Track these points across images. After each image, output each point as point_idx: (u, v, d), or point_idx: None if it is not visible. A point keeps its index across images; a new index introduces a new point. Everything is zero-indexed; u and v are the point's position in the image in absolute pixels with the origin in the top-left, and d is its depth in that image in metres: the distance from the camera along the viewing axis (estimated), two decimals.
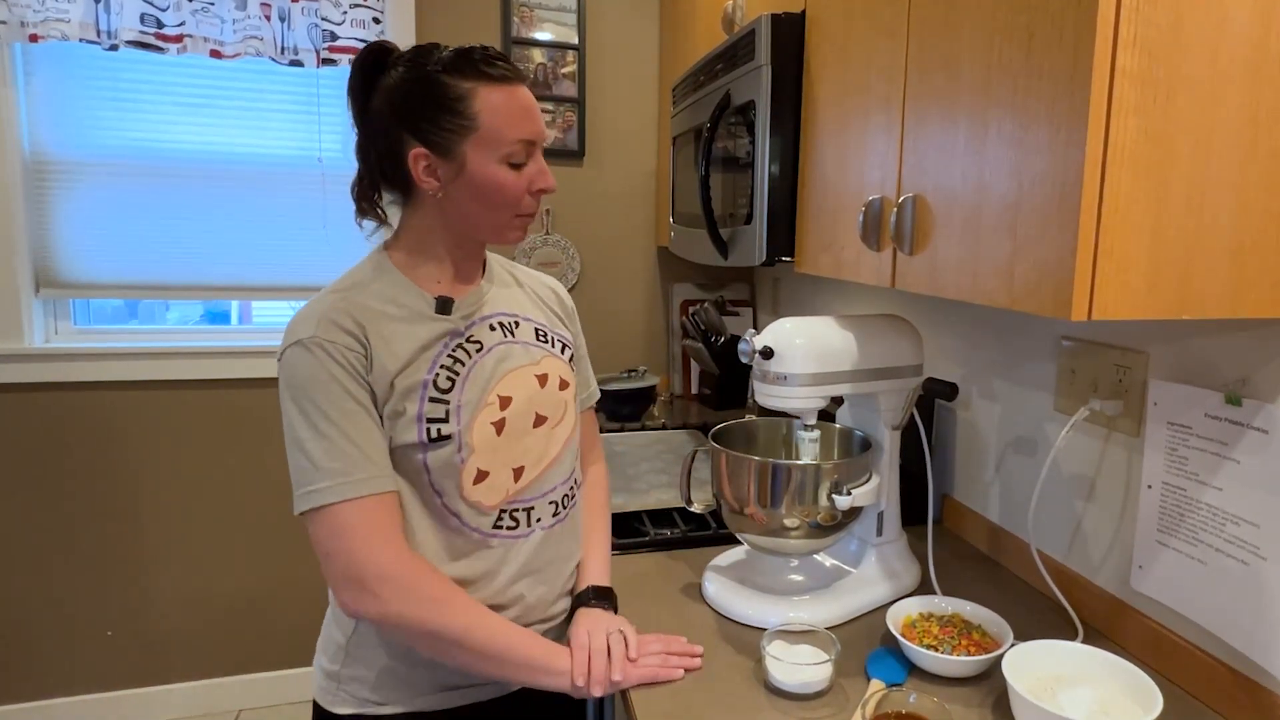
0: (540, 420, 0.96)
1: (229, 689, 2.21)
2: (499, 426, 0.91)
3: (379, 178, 0.93)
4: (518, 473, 0.93)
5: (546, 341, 1.01)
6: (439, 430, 0.87)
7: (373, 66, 0.90)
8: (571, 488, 1.02)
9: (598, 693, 0.87)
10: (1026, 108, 0.70)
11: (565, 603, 1.00)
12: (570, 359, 1.04)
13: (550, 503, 0.97)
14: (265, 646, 2.23)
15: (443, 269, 0.95)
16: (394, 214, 0.97)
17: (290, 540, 2.21)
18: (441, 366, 0.89)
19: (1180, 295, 0.67)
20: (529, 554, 0.95)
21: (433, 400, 0.88)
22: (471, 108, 0.86)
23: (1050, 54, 0.67)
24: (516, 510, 0.94)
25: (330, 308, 0.86)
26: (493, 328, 0.96)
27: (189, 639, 2.18)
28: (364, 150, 0.93)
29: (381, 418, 0.87)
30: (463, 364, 0.91)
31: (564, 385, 1.01)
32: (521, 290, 1.05)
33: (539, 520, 0.96)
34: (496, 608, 0.91)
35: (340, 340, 0.85)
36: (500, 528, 0.92)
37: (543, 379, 0.97)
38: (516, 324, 0.99)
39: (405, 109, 0.87)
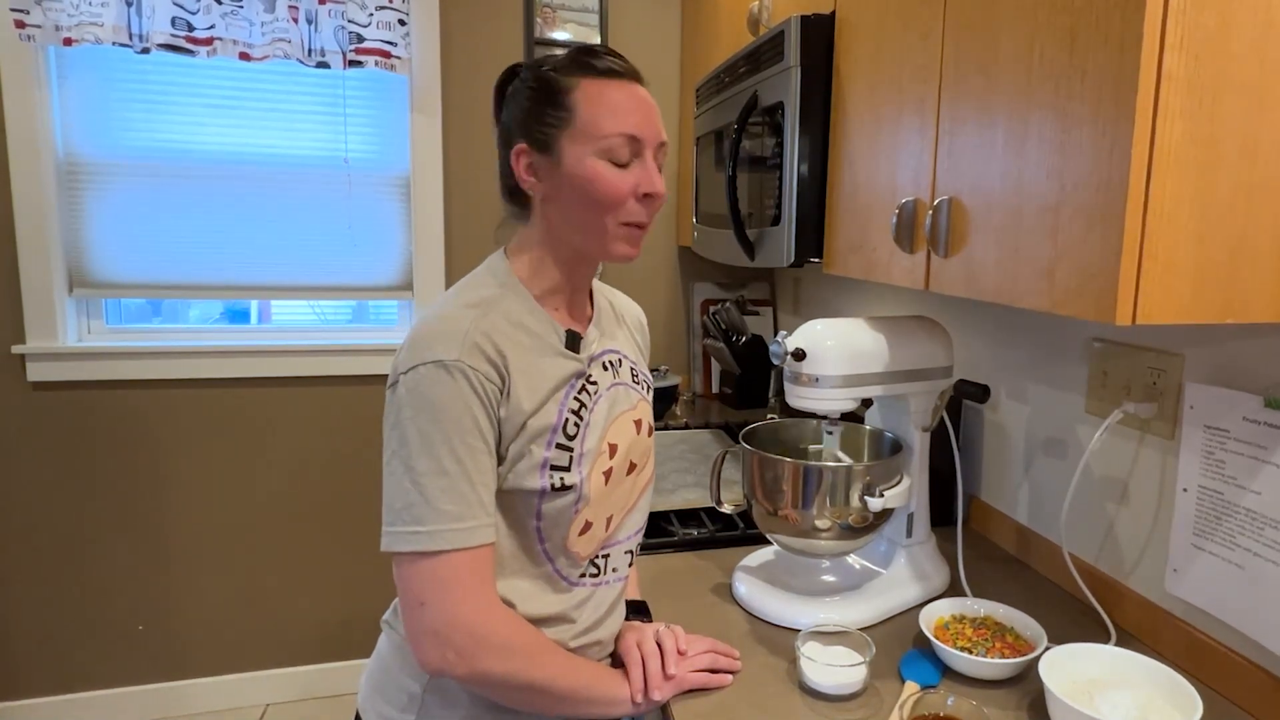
0: (632, 468, 0.92)
1: (257, 683, 2.24)
2: (607, 476, 0.87)
3: (503, 193, 0.90)
4: (609, 522, 0.90)
5: (639, 383, 0.97)
6: (562, 480, 0.82)
7: (503, 84, 0.89)
8: (641, 534, 0.98)
9: (658, 697, 0.86)
10: (1069, 110, 0.70)
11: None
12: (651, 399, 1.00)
13: (626, 551, 0.94)
14: (293, 642, 2.26)
15: (560, 291, 0.89)
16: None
17: (315, 535, 2.24)
18: (570, 411, 0.84)
19: (1225, 299, 0.67)
20: (608, 602, 0.92)
21: (559, 447, 0.82)
22: (570, 99, 0.82)
23: (1094, 56, 0.67)
24: (598, 558, 0.90)
25: (473, 328, 0.79)
26: (605, 366, 0.91)
27: (217, 634, 2.21)
28: (500, 167, 0.90)
29: (500, 457, 0.81)
30: (586, 408, 0.86)
31: (651, 431, 0.97)
32: (620, 322, 1.00)
33: (614, 570, 0.93)
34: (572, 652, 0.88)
35: (482, 369, 0.78)
36: (585, 575, 0.89)
37: (638, 424, 0.93)
38: (620, 362, 0.94)
39: (518, 111, 0.85)
